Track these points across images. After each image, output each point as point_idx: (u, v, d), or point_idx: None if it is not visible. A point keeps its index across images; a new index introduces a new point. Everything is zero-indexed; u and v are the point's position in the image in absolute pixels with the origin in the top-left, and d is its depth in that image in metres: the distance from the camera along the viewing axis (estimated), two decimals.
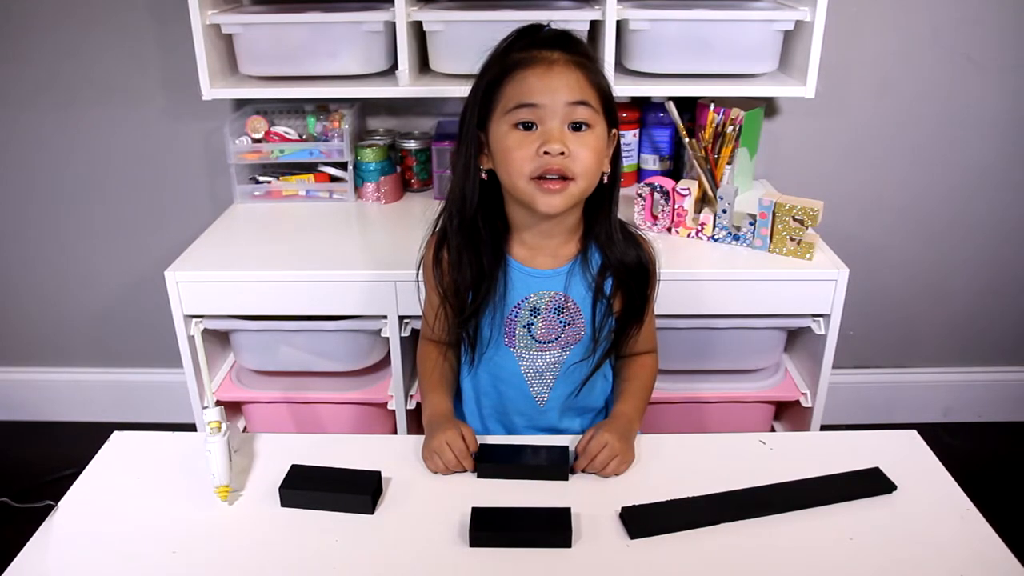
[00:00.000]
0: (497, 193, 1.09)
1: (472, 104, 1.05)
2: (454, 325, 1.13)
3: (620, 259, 1.10)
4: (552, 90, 0.99)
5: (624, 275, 1.11)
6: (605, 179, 1.07)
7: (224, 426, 0.95)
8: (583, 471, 0.99)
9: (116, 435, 1.07)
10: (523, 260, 1.11)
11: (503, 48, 1.05)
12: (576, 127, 1.01)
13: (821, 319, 1.49)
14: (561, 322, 1.12)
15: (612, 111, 1.06)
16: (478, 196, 1.07)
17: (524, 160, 1.00)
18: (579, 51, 1.04)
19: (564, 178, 1.00)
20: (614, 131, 1.07)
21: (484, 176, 1.06)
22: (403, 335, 1.48)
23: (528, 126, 1.00)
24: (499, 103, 1.02)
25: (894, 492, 0.95)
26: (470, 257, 1.08)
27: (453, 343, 1.18)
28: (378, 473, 0.95)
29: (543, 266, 1.11)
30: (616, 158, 1.09)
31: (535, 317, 1.11)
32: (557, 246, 1.11)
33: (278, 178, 1.77)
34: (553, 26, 1.07)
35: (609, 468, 0.98)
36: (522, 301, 1.11)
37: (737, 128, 1.55)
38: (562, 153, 0.99)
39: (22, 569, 0.86)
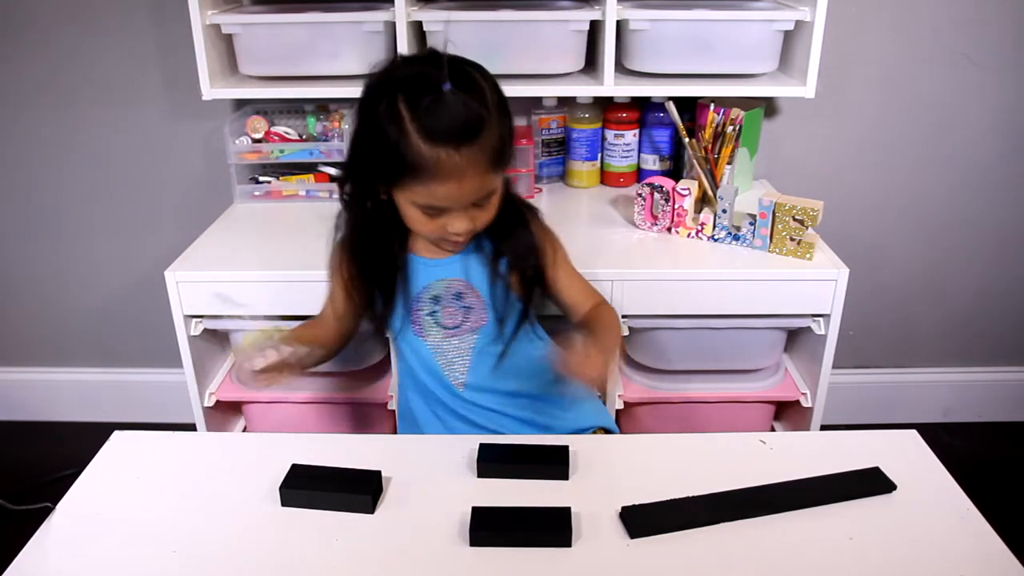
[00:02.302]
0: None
1: (368, 161, 1.02)
2: (365, 321, 1.19)
3: (512, 249, 1.13)
4: (460, 197, 1.00)
5: (516, 262, 1.14)
6: None
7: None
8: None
9: (116, 435, 1.07)
10: (420, 252, 1.14)
11: (401, 119, 0.96)
12: (479, 202, 1.03)
13: (821, 319, 1.49)
14: (463, 307, 1.14)
15: (506, 156, 1.04)
16: (373, 217, 1.10)
17: (429, 231, 1.05)
18: (481, 128, 0.97)
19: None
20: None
21: (383, 196, 1.07)
22: None
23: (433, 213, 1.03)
24: (405, 187, 1.01)
25: (894, 492, 0.95)
26: (371, 267, 1.13)
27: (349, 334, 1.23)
28: (378, 473, 0.95)
29: (439, 255, 1.14)
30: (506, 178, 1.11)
31: (437, 305, 1.14)
32: None
33: (278, 178, 1.78)
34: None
35: (590, 363, 0.98)
36: (423, 290, 1.14)
37: (737, 128, 1.55)
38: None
39: (22, 569, 0.86)
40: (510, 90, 1.58)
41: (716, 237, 1.54)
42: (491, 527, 0.88)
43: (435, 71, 0.95)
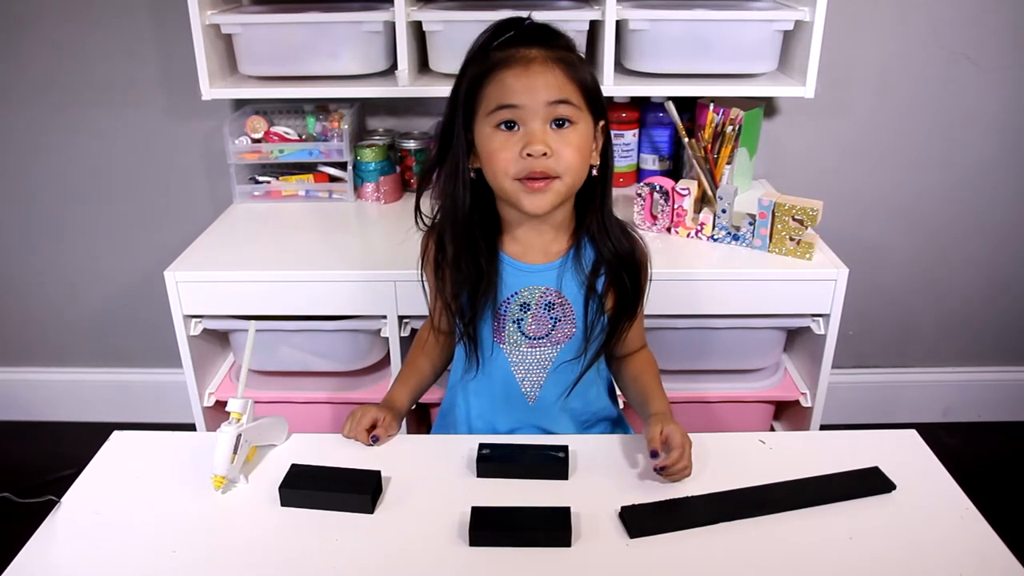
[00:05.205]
0: (487, 191, 1.08)
1: (455, 105, 1.05)
2: (455, 329, 1.14)
3: (614, 250, 1.09)
4: (532, 89, 0.99)
5: (617, 267, 1.10)
6: (595, 172, 1.07)
7: (244, 419, 0.96)
8: (661, 470, 0.96)
9: (116, 435, 1.07)
10: (515, 256, 1.11)
11: (481, 44, 1.04)
12: (559, 124, 1.01)
13: (820, 319, 1.49)
14: (552, 318, 1.11)
15: (598, 104, 1.05)
16: (470, 197, 1.07)
17: (508, 161, 1.01)
18: (559, 44, 1.03)
19: (548, 177, 1.01)
20: (602, 123, 1.07)
21: (472, 175, 1.06)
22: (403, 335, 1.48)
23: (511, 126, 1.01)
24: (481, 105, 1.02)
25: (894, 492, 0.95)
26: (467, 260, 1.08)
27: (450, 332, 1.19)
28: (378, 473, 0.95)
29: (535, 261, 1.10)
30: (607, 150, 1.09)
31: (525, 313, 1.11)
32: (548, 242, 1.10)
33: (278, 178, 1.78)
34: (554, 24, 1.06)
35: (685, 459, 0.97)
36: (512, 296, 1.10)
37: (737, 128, 1.55)
38: (545, 154, 0.99)
39: (23, 568, 0.86)
40: None
41: (716, 237, 1.54)
42: (491, 527, 0.88)
43: (519, 17, 1.04)
